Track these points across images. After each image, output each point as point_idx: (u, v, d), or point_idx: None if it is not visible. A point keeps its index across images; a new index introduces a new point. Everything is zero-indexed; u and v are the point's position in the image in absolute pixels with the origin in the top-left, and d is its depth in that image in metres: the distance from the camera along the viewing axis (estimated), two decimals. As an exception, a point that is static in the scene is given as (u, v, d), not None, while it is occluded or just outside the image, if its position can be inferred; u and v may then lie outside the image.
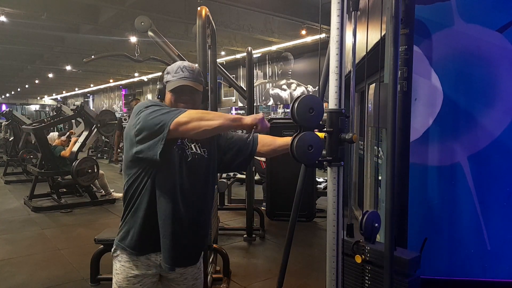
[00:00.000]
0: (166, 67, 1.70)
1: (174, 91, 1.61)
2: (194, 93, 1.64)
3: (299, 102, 1.37)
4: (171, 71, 1.64)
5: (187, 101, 1.63)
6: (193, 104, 1.64)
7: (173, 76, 1.61)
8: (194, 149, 1.64)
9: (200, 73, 1.68)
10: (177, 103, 1.62)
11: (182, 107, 1.60)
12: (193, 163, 1.61)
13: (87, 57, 6.53)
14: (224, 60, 13.39)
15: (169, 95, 1.63)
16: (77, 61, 14.30)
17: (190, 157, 1.61)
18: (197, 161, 1.63)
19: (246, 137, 1.73)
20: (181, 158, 1.59)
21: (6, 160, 9.79)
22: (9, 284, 3.50)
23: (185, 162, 1.59)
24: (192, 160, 1.61)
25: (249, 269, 3.90)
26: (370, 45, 3.01)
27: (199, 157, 1.64)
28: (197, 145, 1.65)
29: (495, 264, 2.27)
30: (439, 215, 2.32)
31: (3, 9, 8.03)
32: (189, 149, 1.62)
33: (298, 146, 1.37)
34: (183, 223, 1.59)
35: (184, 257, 1.64)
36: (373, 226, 1.70)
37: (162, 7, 8.13)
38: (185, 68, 1.63)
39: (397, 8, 1.50)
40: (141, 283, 1.64)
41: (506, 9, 2.21)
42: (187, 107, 1.60)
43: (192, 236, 1.64)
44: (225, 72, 4.95)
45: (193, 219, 1.63)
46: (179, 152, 1.59)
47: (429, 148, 2.31)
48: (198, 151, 1.64)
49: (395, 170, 1.50)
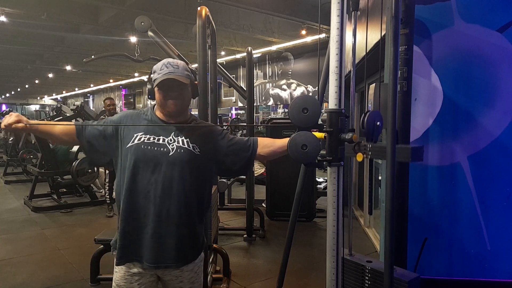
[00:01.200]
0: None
1: (161, 88, 1.61)
2: (182, 88, 1.64)
3: (292, 103, 1.42)
4: (156, 69, 1.64)
5: (176, 96, 1.63)
6: (182, 99, 1.65)
7: (158, 74, 1.62)
8: (180, 143, 1.63)
9: (185, 68, 1.67)
10: (166, 100, 1.62)
11: (171, 103, 1.62)
12: (176, 156, 1.60)
13: (87, 57, 6.52)
14: (224, 60, 13.39)
15: (157, 93, 1.63)
16: (77, 61, 14.30)
17: (172, 151, 1.61)
18: (181, 155, 1.61)
19: (246, 140, 1.73)
20: (155, 154, 1.59)
21: (6, 160, 9.78)
22: (9, 284, 3.50)
23: (165, 156, 1.59)
24: (176, 153, 1.61)
25: (249, 269, 3.90)
26: (370, 45, 3.01)
27: (186, 151, 1.62)
28: (185, 140, 1.64)
29: (495, 264, 2.27)
30: (439, 215, 2.32)
31: (3, 9, 8.03)
32: (174, 143, 1.62)
33: (291, 146, 1.41)
34: (160, 219, 1.58)
35: (164, 256, 1.61)
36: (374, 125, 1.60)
37: (162, 7, 8.13)
38: (169, 64, 1.64)
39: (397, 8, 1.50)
40: (139, 282, 1.64)
41: (506, 9, 2.21)
42: (176, 103, 1.63)
43: (173, 234, 1.61)
44: (225, 72, 4.96)
45: (174, 216, 1.60)
46: (150, 148, 1.60)
47: (429, 148, 2.31)
48: (185, 145, 1.63)
49: (395, 170, 1.50)
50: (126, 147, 1.63)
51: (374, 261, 1.93)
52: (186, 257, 1.68)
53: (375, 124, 1.59)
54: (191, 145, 1.64)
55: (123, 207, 1.62)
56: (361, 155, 1.64)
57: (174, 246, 1.62)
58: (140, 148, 1.60)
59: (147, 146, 1.60)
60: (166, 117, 1.68)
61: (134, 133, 1.63)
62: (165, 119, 1.68)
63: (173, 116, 1.67)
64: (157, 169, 1.59)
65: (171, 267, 1.65)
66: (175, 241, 1.62)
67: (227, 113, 18.44)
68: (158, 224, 1.59)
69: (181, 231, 1.63)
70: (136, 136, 1.62)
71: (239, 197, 6.37)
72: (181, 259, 1.66)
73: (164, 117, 1.68)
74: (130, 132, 1.64)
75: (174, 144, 1.62)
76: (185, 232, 1.64)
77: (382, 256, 2.35)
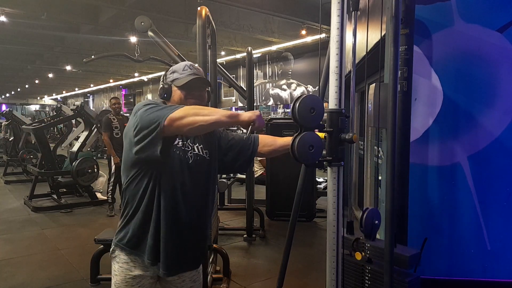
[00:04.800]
0: (166, 67, 1.72)
1: (184, 87, 1.61)
2: (203, 90, 1.66)
3: (301, 102, 1.36)
4: (177, 69, 1.65)
5: (198, 96, 1.63)
6: (202, 100, 1.65)
7: (181, 74, 1.63)
8: (196, 150, 1.63)
9: (204, 74, 1.72)
10: (187, 99, 1.61)
11: (192, 103, 1.59)
12: (195, 165, 1.61)
13: (87, 57, 6.53)
14: (224, 60, 13.39)
15: (179, 92, 1.62)
16: (77, 61, 14.31)
17: (191, 159, 1.61)
18: (198, 162, 1.62)
19: (246, 137, 1.73)
20: (182, 160, 1.58)
21: (6, 160, 9.78)
22: (9, 284, 3.50)
23: (187, 164, 1.59)
24: (194, 162, 1.61)
25: (249, 269, 3.90)
26: (370, 45, 3.01)
27: (201, 158, 1.64)
28: (199, 146, 1.65)
29: (495, 264, 2.27)
30: (439, 215, 2.32)
31: (3, 9, 8.04)
32: (191, 150, 1.62)
33: (300, 146, 1.35)
34: (184, 226, 1.58)
35: (183, 262, 1.63)
36: (373, 223, 1.68)
37: (162, 7, 8.14)
38: (192, 66, 1.67)
39: (397, 8, 1.50)
40: (140, 284, 1.63)
41: (506, 9, 2.21)
42: (197, 103, 1.60)
43: (192, 240, 1.63)
44: (225, 72, 4.95)
45: (194, 222, 1.62)
46: (180, 154, 1.58)
47: (429, 148, 2.31)
48: (200, 152, 1.64)
49: (395, 170, 1.50)
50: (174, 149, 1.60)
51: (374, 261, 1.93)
52: (198, 262, 1.72)
53: (373, 223, 1.67)
54: (205, 151, 1.66)
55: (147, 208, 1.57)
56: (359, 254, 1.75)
57: (192, 253, 1.65)
58: (173, 151, 1.57)
59: (177, 150, 1.59)
60: None
61: None
62: None
63: None
64: (184, 176, 1.58)
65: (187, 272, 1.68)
66: (193, 247, 1.65)
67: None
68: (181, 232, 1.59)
69: (197, 237, 1.66)
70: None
71: (239, 197, 6.37)
72: (197, 264, 1.71)
73: None
74: None
75: (192, 152, 1.62)
76: (201, 237, 1.69)
77: (382, 256, 2.35)
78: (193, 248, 1.66)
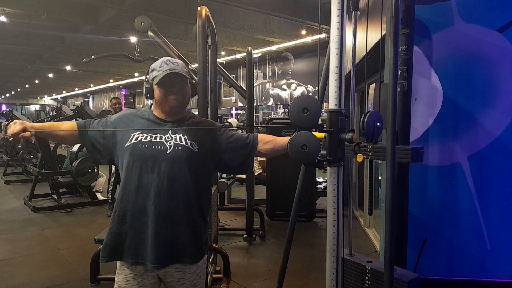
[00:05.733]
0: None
1: (162, 84, 1.61)
2: (183, 85, 1.65)
3: (292, 103, 1.41)
4: (156, 67, 1.65)
5: (177, 92, 1.63)
6: (183, 95, 1.65)
7: (159, 71, 1.62)
8: (178, 140, 1.62)
9: (184, 66, 1.68)
10: (166, 96, 1.62)
11: (172, 99, 1.61)
12: (175, 154, 1.60)
13: (87, 57, 6.53)
14: (224, 60, 13.39)
15: (157, 90, 1.62)
16: (77, 61, 14.31)
17: (169, 149, 1.60)
18: (180, 153, 1.61)
19: (245, 136, 1.73)
20: (152, 153, 1.59)
21: (6, 160, 9.78)
22: (9, 284, 3.49)
23: (163, 155, 1.59)
24: (173, 152, 1.60)
25: (249, 269, 3.90)
26: (370, 45, 3.01)
27: (183, 148, 1.62)
28: (183, 137, 1.63)
29: (495, 264, 2.27)
30: (439, 215, 2.32)
31: (3, 9, 8.03)
32: (171, 140, 1.62)
33: (292, 146, 1.40)
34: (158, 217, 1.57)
35: (166, 256, 1.60)
36: (375, 126, 1.60)
37: (162, 7, 8.14)
38: (169, 61, 1.64)
39: (397, 8, 1.50)
40: (140, 284, 1.63)
41: (506, 9, 2.21)
42: (178, 98, 1.62)
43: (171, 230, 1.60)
44: (225, 72, 4.96)
45: (172, 214, 1.59)
46: (146, 146, 1.60)
47: (429, 148, 2.31)
48: (183, 142, 1.62)
49: (395, 170, 1.50)
50: (124, 147, 1.63)
51: (374, 261, 1.93)
52: (189, 255, 1.65)
53: (375, 125, 1.60)
54: (189, 142, 1.63)
55: (122, 206, 1.62)
56: (361, 156, 1.64)
57: (176, 245, 1.61)
58: (138, 147, 1.60)
59: (144, 144, 1.60)
60: (164, 115, 1.68)
61: (132, 133, 1.64)
62: (163, 117, 1.68)
63: (172, 113, 1.67)
64: (155, 168, 1.59)
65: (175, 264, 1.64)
66: (177, 240, 1.61)
67: (227, 113, 18.44)
68: (159, 224, 1.58)
69: (182, 230, 1.62)
70: (133, 136, 1.62)
71: (239, 197, 6.37)
72: (184, 256, 1.64)
73: (163, 115, 1.68)
74: (128, 132, 1.65)
75: (172, 142, 1.62)
76: (187, 231, 1.63)
77: (382, 256, 2.35)
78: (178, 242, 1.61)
